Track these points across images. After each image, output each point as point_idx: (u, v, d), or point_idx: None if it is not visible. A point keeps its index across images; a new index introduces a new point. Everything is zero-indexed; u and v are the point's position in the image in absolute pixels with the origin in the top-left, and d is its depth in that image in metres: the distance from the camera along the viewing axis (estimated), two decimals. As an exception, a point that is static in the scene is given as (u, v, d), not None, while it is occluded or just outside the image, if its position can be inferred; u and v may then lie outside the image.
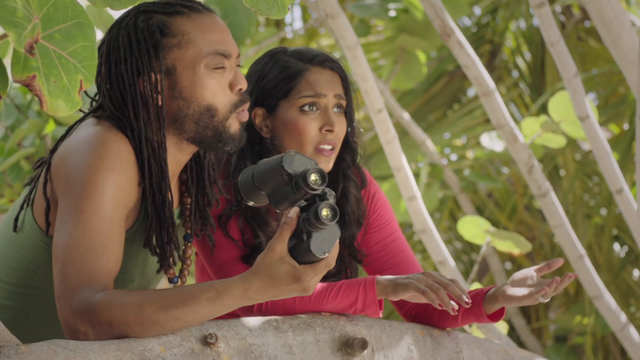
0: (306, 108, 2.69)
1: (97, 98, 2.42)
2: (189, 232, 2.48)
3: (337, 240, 2.17)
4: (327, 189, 2.18)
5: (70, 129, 2.39)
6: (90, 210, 2.19)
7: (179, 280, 2.46)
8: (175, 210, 2.45)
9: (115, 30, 2.38)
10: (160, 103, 2.32)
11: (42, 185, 2.31)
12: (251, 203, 2.24)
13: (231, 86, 2.36)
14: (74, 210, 2.19)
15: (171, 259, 2.40)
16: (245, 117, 2.39)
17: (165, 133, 2.33)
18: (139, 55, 2.32)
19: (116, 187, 2.23)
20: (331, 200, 2.17)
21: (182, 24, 2.34)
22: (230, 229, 2.63)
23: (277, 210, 2.23)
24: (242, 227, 2.65)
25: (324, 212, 2.14)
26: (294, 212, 2.17)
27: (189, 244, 2.48)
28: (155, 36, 2.32)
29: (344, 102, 2.74)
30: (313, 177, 2.14)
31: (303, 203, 2.18)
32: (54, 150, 2.35)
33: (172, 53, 2.33)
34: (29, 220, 2.36)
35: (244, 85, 2.38)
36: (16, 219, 2.38)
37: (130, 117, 2.32)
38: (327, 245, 2.15)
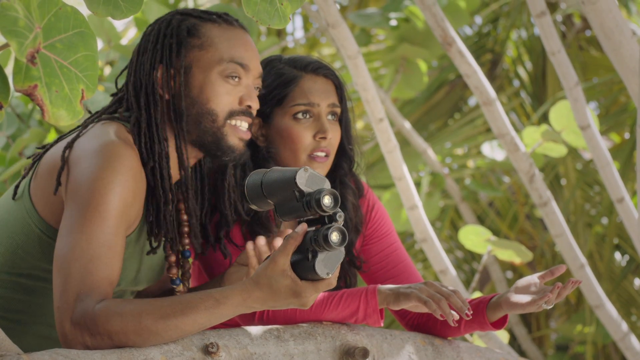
0: (299, 115, 2.70)
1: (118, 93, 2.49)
2: (187, 248, 2.49)
3: (341, 261, 2.17)
4: (337, 209, 2.18)
5: (85, 125, 2.41)
6: (97, 222, 2.21)
7: (182, 285, 2.50)
8: None
9: (152, 27, 2.47)
10: (167, 97, 2.39)
11: (57, 179, 2.30)
12: (254, 207, 2.25)
13: (241, 101, 2.41)
14: (80, 220, 2.21)
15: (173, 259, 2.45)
16: (244, 134, 2.41)
17: (168, 128, 2.40)
18: (161, 47, 2.40)
19: (123, 202, 2.25)
20: (340, 220, 2.16)
21: (210, 29, 2.42)
22: (234, 237, 2.64)
23: (281, 220, 2.23)
24: (245, 234, 2.65)
25: (334, 237, 2.13)
26: (301, 228, 2.17)
27: (187, 259, 2.50)
28: (181, 34, 2.40)
29: (338, 110, 2.74)
30: (326, 200, 2.14)
31: (309, 216, 2.18)
32: (68, 146, 2.34)
33: (193, 52, 2.40)
34: (27, 204, 2.36)
35: (254, 104, 2.43)
36: (14, 195, 2.40)
37: (141, 106, 2.38)
38: (331, 265, 2.15)
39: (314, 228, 2.17)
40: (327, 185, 2.18)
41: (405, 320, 2.76)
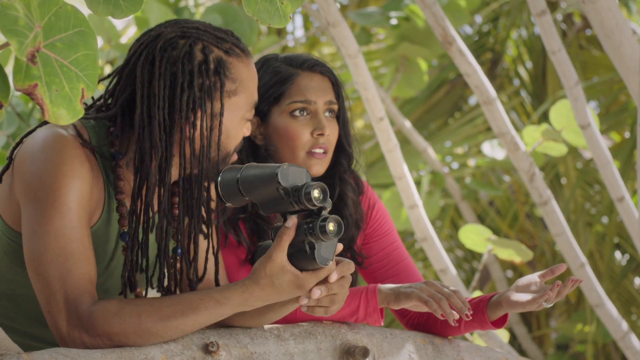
0: (297, 113, 2.70)
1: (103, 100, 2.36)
2: (178, 244, 2.43)
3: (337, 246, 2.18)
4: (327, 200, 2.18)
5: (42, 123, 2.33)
6: (59, 219, 2.17)
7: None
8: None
9: (170, 47, 2.28)
10: (194, 140, 2.27)
11: None
12: (228, 204, 2.24)
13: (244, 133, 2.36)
14: (42, 220, 2.17)
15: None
16: (235, 158, 2.37)
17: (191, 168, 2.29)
18: (199, 90, 2.25)
19: (78, 192, 2.20)
20: (328, 209, 2.17)
21: (239, 70, 2.30)
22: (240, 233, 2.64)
23: (263, 214, 2.23)
24: (249, 230, 2.65)
25: (331, 227, 2.14)
26: (291, 221, 2.17)
27: (179, 258, 2.39)
28: (221, 78, 2.27)
29: (335, 107, 2.75)
30: (316, 193, 2.14)
31: (294, 209, 2.18)
32: (19, 143, 2.31)
33: (227, 98, 2.28)
34: None
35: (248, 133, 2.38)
36: None
37: (161, 141, 2.25)
38: (329, 253, 2.16)
39: (302, 219, 2.18)
40: (307, 176, 2.18)
41: (406, 320, 2.76)
